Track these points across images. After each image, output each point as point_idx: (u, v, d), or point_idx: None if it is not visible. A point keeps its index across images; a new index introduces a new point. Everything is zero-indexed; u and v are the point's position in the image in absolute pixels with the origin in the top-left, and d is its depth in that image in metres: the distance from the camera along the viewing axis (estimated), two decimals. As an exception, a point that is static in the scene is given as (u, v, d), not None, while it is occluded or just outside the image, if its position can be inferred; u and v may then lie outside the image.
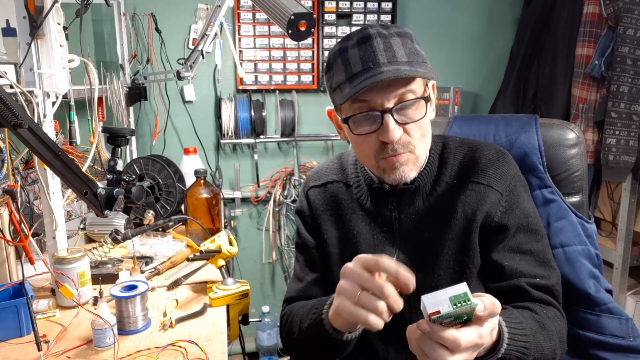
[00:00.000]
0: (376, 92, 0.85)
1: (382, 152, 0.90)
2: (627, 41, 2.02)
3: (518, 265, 0.92)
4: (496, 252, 0.93)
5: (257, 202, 2.63)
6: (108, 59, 2.36)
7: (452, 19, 2.68)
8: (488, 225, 0.93)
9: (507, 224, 0.92)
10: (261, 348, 2.61)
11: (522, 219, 0.94)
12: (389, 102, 0.86)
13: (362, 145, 0.92)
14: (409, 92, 0.87)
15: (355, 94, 0.84)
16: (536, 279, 0.91)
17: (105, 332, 1.02)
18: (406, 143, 0.89)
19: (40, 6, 1.13)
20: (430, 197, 0.97)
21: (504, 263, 0.92)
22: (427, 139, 0.93)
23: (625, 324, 1.05)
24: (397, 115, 0.87)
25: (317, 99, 2.62)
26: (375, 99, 0.86)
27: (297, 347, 0.99)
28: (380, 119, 0.87)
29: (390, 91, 0.86)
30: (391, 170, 0.91)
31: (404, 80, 0.86)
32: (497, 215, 0.93)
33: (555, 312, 0.90)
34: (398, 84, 0.86)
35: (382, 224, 0.99)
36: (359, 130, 0.90)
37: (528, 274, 0.91)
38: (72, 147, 1.67)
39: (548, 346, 0.84)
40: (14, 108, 0.84)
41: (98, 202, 1.01)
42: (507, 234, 0.93)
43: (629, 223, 2.16)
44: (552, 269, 0.94)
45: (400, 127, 0.88)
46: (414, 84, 0.87)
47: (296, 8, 1.00)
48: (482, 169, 0.95)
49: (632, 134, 2.05)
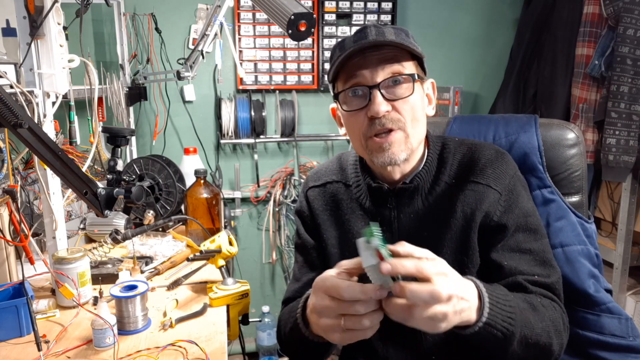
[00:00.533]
0: (366, 67, 0.90)
1: (370, 129, 0.91)
2: (627, 41, 2.02)
3: (517, 265, 0.91)
4: (495, 252, 0.93)
5: (257, 202, 2.63)
6: (108, 59, 2.37)
7: (452, 19, 2.68)
8: (487, 224, 0.93)
9: (506, 224, 0.92)
10: (261, 348, 2.61)
11: (521, 219, 0.94)
12: (378, 77, 0.89)
13: (352, 124, 0.94)
14: (399, 72, 0.90)
15: (340, 59, 0.89)
16: (535, 277, 0.91)
17: (105, 332, 1.02)
18: (395, 119, 0.90)
19: (40, 6, 1.13)
20: (430, 197, 0.97)
21: (503, 262, 0.92)
22: (419, 125, 0.94)
23: (625, 323, 1.05)
24: (385, 91, 0.90)
25: (317, 99, 2.62)
26: (365, 75, 0.90)
27: (287, 349, 1.00)
28: (369, 94, 0.90)
29: (380, 68, 0.90)
30: (379, 151, 0.91)
31: (394, 59, 0.90)
32: (497, 215, 0.93)
33: (553, 304, 0.89)
34: (388, 61, 0.89)
35: (382, 224, 0.99)
36: (349, 106, 0.93)
37: (527, 272, 0.91)
38: (72, 147, 1.68)
39: (539, 326, 0.82)
40: (14, 108, 0.84)
41: (98, 202, 1.01)
42: (506, 234, 0.93)
43: (629, 223, 2.16)
44: (552, 268, 0.94)
45: (389, 104, 0.90)
46: (405, 64, 0.91)
47: (296, 8, 1.00)
48: (481, 168, 0.95)
49: (632, 134, 2.05)
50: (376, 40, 0.89)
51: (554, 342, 0.84)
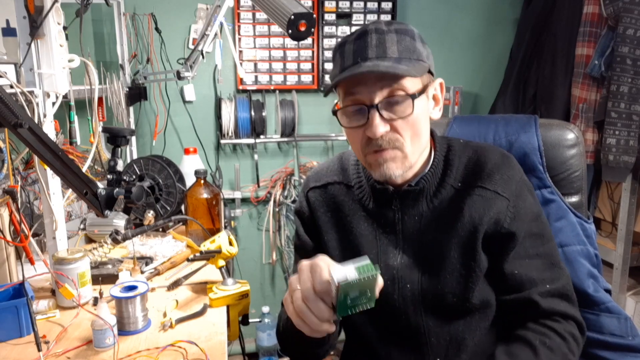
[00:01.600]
0: (364, 86, 0.86)
1: (367, 147, 0.90)
2: (627, 41, 2.02)
3: (527, 272, 0.92)
4: (507, 262, 0.93)
5: (257, 203, 2.63)
6: (108, 59, 2.37)
7: (452, 19, 2.68)
8: (498, 232, 0.92)
9: (515, 232, 0.92)
10: (261, 348, 2.61)
11: (530, 224, 0.94)
12: (376, 97, 0.86)
13: (352, 138, 0.94)
14: (399, 89, 0.86)
15: (334, 85, 0.89)
16: (546, 285, 0.91)
17: (105, 332, 1.02)
18: (393, 140, 0.89)
19: (40, 6, 1.13)
20: (435, 200, 0.96)
21: (514, 271, 0.92)
22: (421, 140, 0.92)
23: (624, 323, 1.05)
24: (384, 111, 0.87)
25: (317, 99, 2.62)
26: (363, 94, 0.87)
27: (284, 345, 1.01)
28: (367, 114, 0.87)
29: (379, 87, 0.86)
30: (376, 166, 0.91)
31: (393, 77, 0.86)
32: (507, 222, 0.92)
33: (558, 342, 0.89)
34: (387, 80, 0.86)
35: (385, 226, 0.98)
36: (348, 123, 0.92)
37: (538, 279, 0.92)
38: (72, 147, 1.68)
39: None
40: (14, 108, 0.84)
41: (98, 202, 1.01)
42: (516, 241, 0.92)
43: (629, 223, 2.16)
44: (561, 269, 0.95)
45: (387, 124, 0.87)
46: (406, 80, 0.86)
47: (296, 8, 1.00)
48: (489, 174, 0.94)
49: (632, 134, 2.05)
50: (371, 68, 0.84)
51: None
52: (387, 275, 0.96)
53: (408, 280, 0.95)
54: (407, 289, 0.95)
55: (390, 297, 0.96)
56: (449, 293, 0.93)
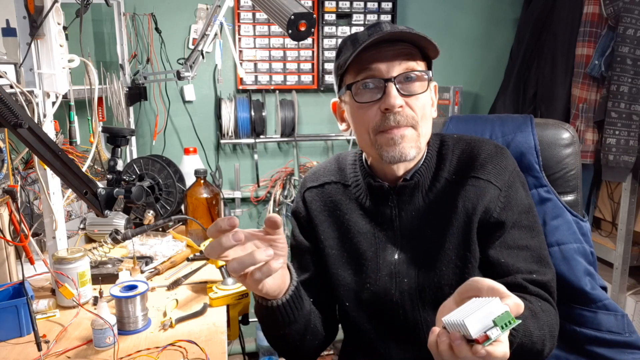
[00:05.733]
0: (381, 61, 0.89)
1: (382, 124, 0.90)
2: (627, 41, 2.02)
3: (514, 262, 0.92)
4: (493, 249, 0.93)
5: (257, 202, 2.63)
6: (108, 59, 2.37)
7: (452, 19, 2.68)
8: (487, 220, 0.93)
9: (504, 221, 0.93)
10: (261, 348, 2.62)
11: (519, 215, 0.94)
12: (394, 70, 0.89)
13: (362, 117, 0.93)
14: (413, 68, 0.90)
15: (355, 52, 0.87)
16: (532, 274, 0.91)
17: (105, 332, 1.02)
18: (410, 116, 0.90)
19: (40, 6, 1.14)
20: (430, 194, 0.97)
21: (501, 259, 0.92)
22: (428, 125, 0.94)
23: (621, 319, 1.05)
24: (400, 85, 0.89)
25: (317, 99, 2.62)
26: (380, 68, 0.89)
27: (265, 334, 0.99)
28: (384, 88, 0.89)
29: (397, 62, 0.89)
30: (389, 145, 0.90)
31: (409, 55, 0.90)
32: (496, 211, 0.93)
33: (549, 307, 0.90)
34: (403, 57, 0.89)
35: (383, 223, 0.99)
36: (361, 97, 0.92)
37: (524, 270, 0.92)
38: (72, 147, 1.68)
39: (537, 334, 0.82)
40: (14, 108, 0.85)
41: (98, 202, 1.01)
42: (504, 230, 0.93)
43: (629, 223, 2.16)
44: (548, 265, 0.95)
45: (403, 99, 0.89)
46: (419, 63, 0.91)
47: (296, 8, 1.00)
48: (482, 164, 0.95)
49: (632, 134, 2.05)
50: (393, 32, 0.87)
51: (546, 348, 0.85)
52: (385, 272, 0.97)
53: (405, 275, 0.96)
54: (404, 283, 0.95)
55: (388, 293, 0.96)
56: (445, 285, 0.93)
